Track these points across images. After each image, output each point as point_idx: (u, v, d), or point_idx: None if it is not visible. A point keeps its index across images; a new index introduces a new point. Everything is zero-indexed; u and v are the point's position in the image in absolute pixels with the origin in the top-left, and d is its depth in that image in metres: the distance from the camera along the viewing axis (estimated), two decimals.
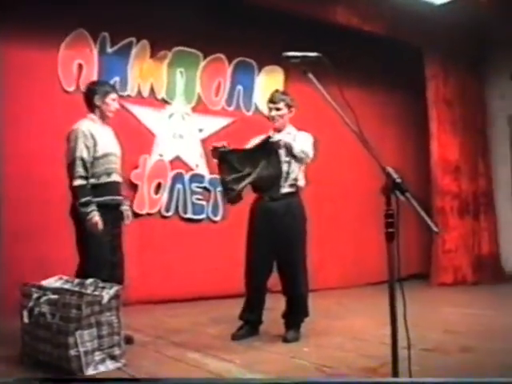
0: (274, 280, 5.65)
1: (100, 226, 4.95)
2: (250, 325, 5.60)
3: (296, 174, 5.50)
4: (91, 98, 5.24)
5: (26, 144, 6.79)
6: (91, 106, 5.25)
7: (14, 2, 6.52)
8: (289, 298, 5.57)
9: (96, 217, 4.93)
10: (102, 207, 5.01)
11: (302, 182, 5.60)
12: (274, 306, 5.66)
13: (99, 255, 4.98)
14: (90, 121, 5.19)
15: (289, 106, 5.56)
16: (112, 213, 5.18)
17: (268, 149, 5.34)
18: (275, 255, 5.55)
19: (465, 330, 5.77)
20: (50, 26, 6.99)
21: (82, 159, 4.98)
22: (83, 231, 4.99)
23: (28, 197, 6.70)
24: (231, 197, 5.38)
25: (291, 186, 5.49)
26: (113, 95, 5.30)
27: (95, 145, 5.06)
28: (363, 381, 3.94)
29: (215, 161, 5.45)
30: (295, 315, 5.57)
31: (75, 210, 5.00)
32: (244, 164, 5.35)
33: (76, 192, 4.98)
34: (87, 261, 5.01)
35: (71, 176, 4.99)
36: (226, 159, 5.36)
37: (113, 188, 5.21)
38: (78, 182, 4.96)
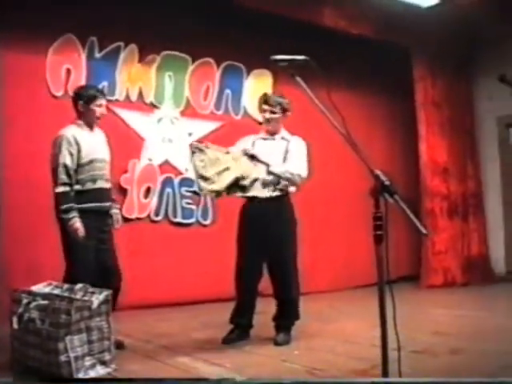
0: (265, 283, 5.65)
1: (81, 232, 4.94)
2: (240, 328, 5.58)
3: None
4: (76, 103, 5.22)
5: (16, 148, 6.77)
6: (78, 112, 5.22)
7: (2, 7, 6.50)
8: (280, 301, 5.57)
9: (77, 223, 4.93)
10: (86, 213, 5.01)
11: (292, 188, 5.60)
12: (265, 309, 5.65)
13: (84, 260, 4.98)
14: (76, 127, 5.17)
15: (284, 110, 5.55)
16: (98, 219, 5.18)
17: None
18: (265, 258, 5.54)
19: (454, 332, 5.78)
20: (39, 30, 6.98)
21: (65, 166, 4.97)
22: (68, 236, 5.00)
23: (18, 201, 6.69)
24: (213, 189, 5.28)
25: (281, 190, 5.48)
26: (99, 101, 5.23)
27: (79, 151, 5.05)
28: (352, 381, 3.94)
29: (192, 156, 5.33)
30: (286, 318, 5.57)
31: (59, 216, 5.02)
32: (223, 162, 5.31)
33: (58, 198, 4.99)
34: (73, 266, 5.02)
35: (54, 182, 4.99)
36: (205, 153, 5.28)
37: (98, 194, 5.18)
38: (60, 189, 4.97)
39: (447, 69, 9.96)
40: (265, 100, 5.61)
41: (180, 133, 8.25)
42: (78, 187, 5.05)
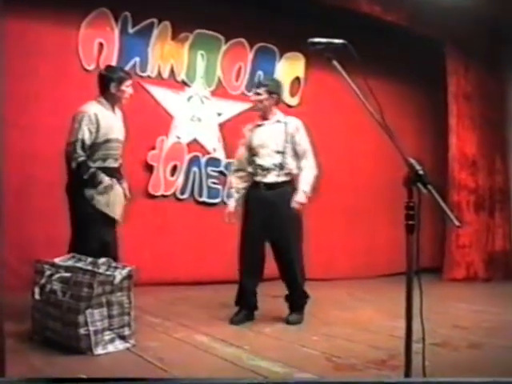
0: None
1: (112, 186, 5.11)
2: (246, 309, 5.62)
3: (291, 164, 5.54)
4: (107, 84, 5.22)
5: (41, 122, 6.80)
6: (104, 92, 5.24)
7: None
8: (286, 282, 5.65)
9: (107, 179, 5.05)
10: None
11: (295, 171, 5.61)
12: (284, 292, 5.69)
13: (90, 236, 5.02)
14: (98, 104, 5.19)
15: (270, 93, 5.54)
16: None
17: None
18: (267, 241, 5.61)
19: (474, 326, 5.73)
20: (72, 3, 6.98)
21: (83, 141, 5.01)
22: (77, 212, 5.08)
23: (41, 176, 6.72)
24: None
25: (286, 174, 5.53)
26: (128, 82, 5.29)
27: (98, 130, 5.08)
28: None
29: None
30: (296, 298, 5.65)
31: (70, 187, 5.13)
32: None
33: (80, 169, 5.02)
34: (79, 241, 5.05)
35: (70, 155, 5.02)
36: None
37: (108, 173, 5.17)
38: (81, 159, 5.00)
39: (480, 63, 9.86)
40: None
41: (209, 112, 8.25)
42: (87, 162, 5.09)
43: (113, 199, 5.16)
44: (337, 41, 3.26)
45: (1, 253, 4.32)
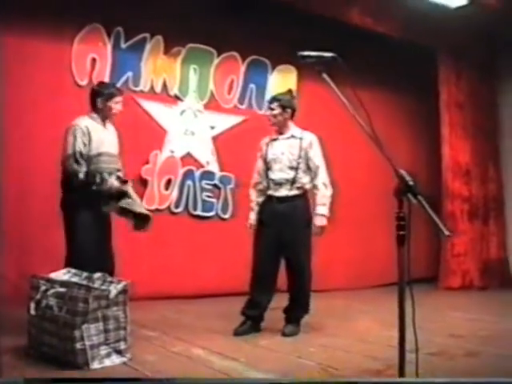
0: (281, 279, 5.70)
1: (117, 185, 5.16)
2: (251, 321, 5.63)
3: (303, 179, 5.57)
4: (95, 99, 5.29)
5: (38, 136, 6.81)
6: (94, 107, 5.31)
7: None
8: (292, 293, 5.66)
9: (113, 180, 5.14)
10: (90, 201, 5.09)
11: (308, 186, 5.64)
12: (282, 304, 5.69)
13: (88, 248, 5.04)
14: (89, 119, 5.26)
15: (283, 107, 5.58)
16: (99, 208, 5.22)
17: None
18: (281, 255, 5.63)
19: (470, 335, 5.74)
20: (65, 19, 7.03)
21: (81, 153, 5.08)
22: (73, 223, 5.10)
23: (38, 188, 6.72)
24: None
25: (298, 188, 5.55)
26: (117, 98, 5.34)
27: (89, 143, 5.14)
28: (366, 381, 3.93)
29: None
30: (296, 311, 5.66)
31: (65, 202, 5.16)
32: None
33: (88, 177, 5.08)
34: (76, 253, 5.07)
35: (71, 168, 5.06)
36: None
37: None
38: (84, 169, 5.06)
39: (472, 71, 9.91)
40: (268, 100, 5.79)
41: (203, 126, 8.27)
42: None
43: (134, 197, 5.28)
44: (326, 54, 3.29)
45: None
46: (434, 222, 2.81)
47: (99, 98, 5.26)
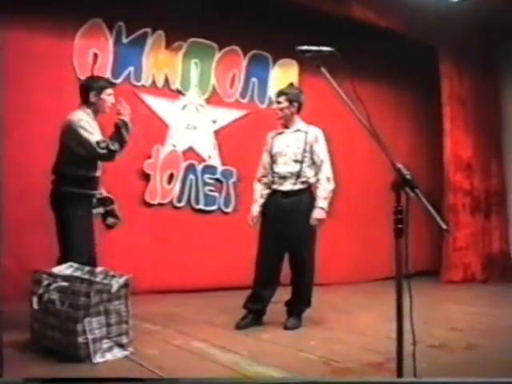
0: (284, 273, 5.72)
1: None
2: (253, 314, 5.65)
3: (308, 173, 5.58)
4: (87, 93, 5.25)
5: (40, 130, 6.81)
6: (86, 101, 5.26)
7: None
8: (295, 287, 5.68)
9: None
10: (80, 198, 5.13)
11: (313, 179, 5.64)
12: (284, 298, 5.72)
13: (80, 242, 5.04)
14: (83, 113, 5.21)
15: (290, 101, 5.58)
16: (89, 205, 5.27)
17: None
18: (285, 249, 5.63)
19: (471, 328, 5.75)
20: (66, 14, 7.03)
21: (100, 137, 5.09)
22: (65, 218, 5.10)
23: (39, 186, 6.73)
24: None
25: (303, 182, 5.56)
26: (108, 90, 5.30)
27: None
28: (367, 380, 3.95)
29: None
30: (298, 304, 5.69)
31: (56, 197, 5.17)
32: None
33: (75, 177, 5.13)
34: (68, 248, 5.06)
35: (103, 153, 5.04)
36: None
37: (92, 182, 5.27)
38: (115, 145, 5.08)
39: (474, 66, 9.91)
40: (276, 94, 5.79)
41: (204, 120, 8.29)
42: (74, 172, 5.14)
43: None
44: (325, 48, 3.30)
45: (0, 262, 4.35)
46: (431, 215, 2.82)
47: (92, 92, 5.21)
